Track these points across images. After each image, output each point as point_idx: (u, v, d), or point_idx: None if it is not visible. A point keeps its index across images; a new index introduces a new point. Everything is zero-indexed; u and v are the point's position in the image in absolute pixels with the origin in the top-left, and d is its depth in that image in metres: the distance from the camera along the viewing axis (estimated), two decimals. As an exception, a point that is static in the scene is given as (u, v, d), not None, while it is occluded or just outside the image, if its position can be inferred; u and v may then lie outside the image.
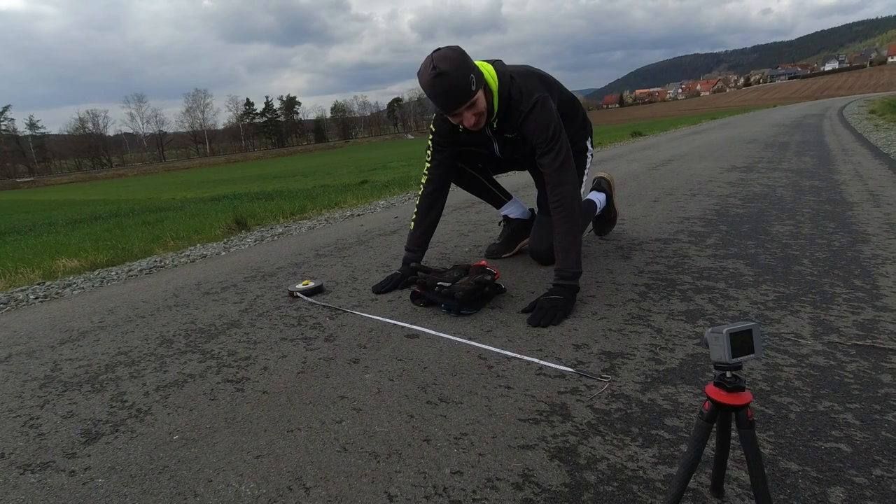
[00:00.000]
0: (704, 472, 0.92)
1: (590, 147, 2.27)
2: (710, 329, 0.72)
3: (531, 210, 2.46)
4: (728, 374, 0.71)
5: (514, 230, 2.44)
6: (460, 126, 1.85)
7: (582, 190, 2.18)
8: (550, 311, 1.64)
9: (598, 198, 2.47)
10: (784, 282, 1.81)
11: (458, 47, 1.71)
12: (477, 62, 1.80)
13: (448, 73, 1.64)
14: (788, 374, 1.23)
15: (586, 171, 2.25)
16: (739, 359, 0.70)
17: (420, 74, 1.71)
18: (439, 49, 1.71)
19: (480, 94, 1.73)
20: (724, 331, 0.70)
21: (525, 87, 1.82)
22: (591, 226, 2.56)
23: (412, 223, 2.13)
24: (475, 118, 1.76)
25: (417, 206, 2.13)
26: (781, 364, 1.27)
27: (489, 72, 1.80)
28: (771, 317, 1.54)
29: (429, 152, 2.09)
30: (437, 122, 2.01)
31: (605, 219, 2.58)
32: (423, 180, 2.12)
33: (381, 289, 2.05)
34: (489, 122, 1.87)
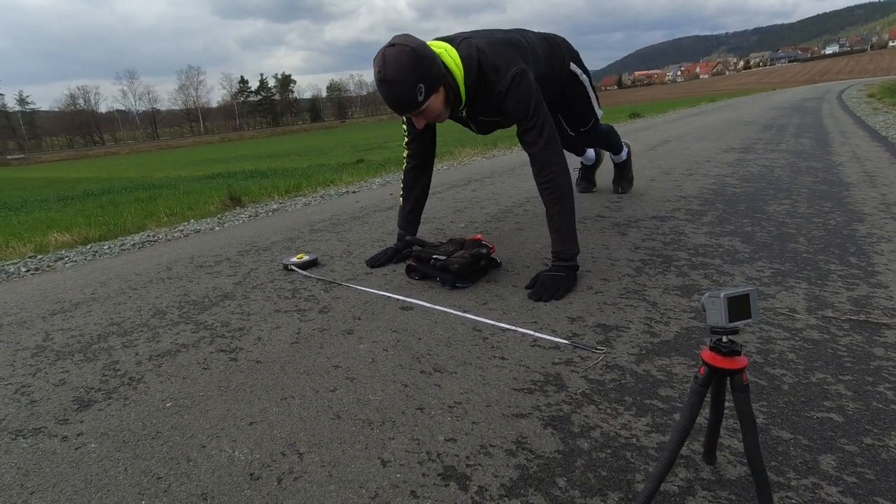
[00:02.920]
0: (697, 440, 0.92)
1: (578, 70, 2.17)
2: (707, 293, 0.71)
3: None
4: (724, 338, 0.71)
5: (587, 170, 3.09)
6: None
7: (597, 107, 2.35)
8: (552, 286, 1.62)
9: (624, 151, 2.92)
10: (780, 258, 1.81)
11: (412, 48, 1.52)
12: (441, 46, 1.66)
13: (392, 82, 1.51)
14: (782, 346, 1.23)
15: (590, 91, 2.25)
16: (736, 323, 0.69)
17: (373, 66, 1.57)
18: (393, 45, 1.53)
19: (432, 100, 1.59)
20: (722, 295, 0.69)
21: (499, 62, 1.67)
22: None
23: (400, 199, 2.10)
24: (424, 123, 1.67)
25: (402, 183, 2.09)
26: (776, 337, 1.27)
27: (454, 59, 1.64)
28: (766, 292, 1.54)
29: (405, 126, 2.02)
30: None
31: (626, 177, 3.06)
32: (405, 155, 2.07)
33: (376, 262, 2.04)
34: (458, 110, 1.75)
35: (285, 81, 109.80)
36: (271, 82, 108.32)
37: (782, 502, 0.79)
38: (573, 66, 2.15)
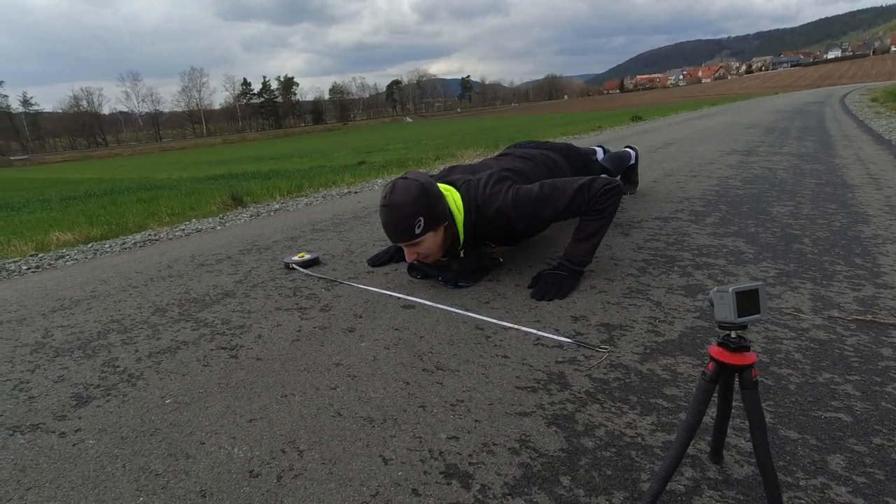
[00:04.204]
0: (703, 439, 0.91)
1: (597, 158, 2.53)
2: (715, 288, 0.70)
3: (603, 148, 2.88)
4: (733, 333, 0.70)
5: (626, 172, 3.02)
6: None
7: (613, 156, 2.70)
8: (555, 285, 1.62)
9: (631, 153, 2.96)
10: (784, 259, 1.79)
11: (422, 183, 1.60)
12: (446, 189, 1.70)
13: (393, 207, 1.57)
14: (788, 346, 1.21)
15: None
16: (745, 318, 0.68)
17: (381, 195, 1.65)
18: (405, 178, 1.62)
19: (429, 237, 1.62)
20: (731, 290, 0.68)
21: (493, 199, 1.68)
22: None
23: None
24: (415, 256, 1.67)
25: None
26: (781, 337, 1.26)
27: (456, 203, 1.68)
28: (771, 292, 1.52)
29: None
30: None
31: (631, 180, 3.01)
32: None
33: (378, 261, 2.03)
34: (454, 252, 1.75)
35: (288, 84, 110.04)
36: (274, 84, 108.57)
37: (791, 502, 0.77)
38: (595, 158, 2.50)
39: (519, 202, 1.65)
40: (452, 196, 1.70)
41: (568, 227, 1.85)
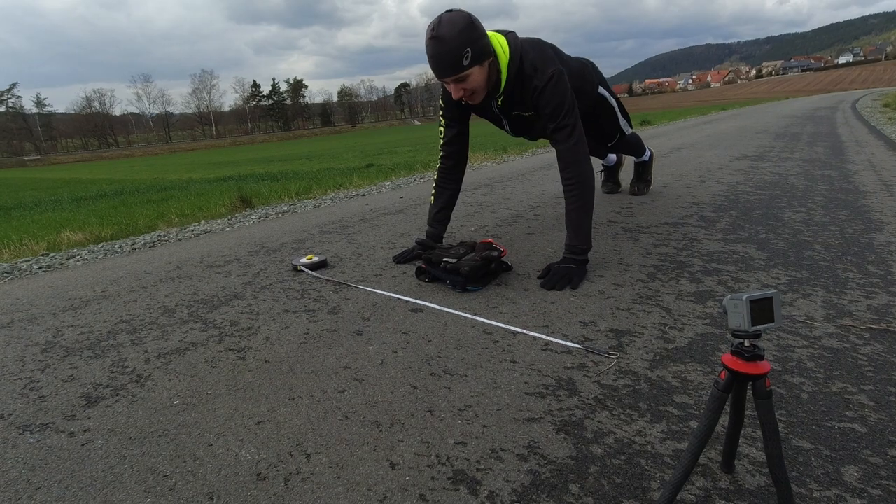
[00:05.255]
0: (714, 448, 0.90)
1: (606, 93, 2.36)
2: (729, 296, 0.69)
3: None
4: (746, 342, 0.69)
5: (610, 170, 3.21)
6: (463, 100, 1.81)
7: (623, 123, 2.55)
8: (565, 276, 1.68)
9: (648, 151, 3.01)
10: (796, 266, 1.77)
11: (468, 14, 1.62)
12: (490, 33, 1.74)
13: (442, 39, 1.57)
14: (801, 355, 1.20)
15: (618, 112, 2.48)
16: (759, 327, 0.67)
17: (426, 30, 1.65)
18: (451, 10, 1.63)
19: (475, 71, 1.65)
20: (745, 298, 0.67)
21: (539, 61, 1.76)
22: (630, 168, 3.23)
23: (431, 198, 2.16)
24: (462, 93, 1.70)
25: (435, 181, 2.14)
26: (793, 345, 1.24)
27: (501, 45, 1.74)
28: (783, 299, 1.50)
29: (441, 129, 2.07)
30: (443, 95, 1.97)
31: (644, 178, 3.12)
32: (440, 156, 2.11)
33: (401, 259, 2.09)
34: (494, 98, 1.81)
35: (297, 86, 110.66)
36: (283, 87, 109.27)
37: (804, 514, 0.76)
38: (601, 90, 2.33)
39: (550, 83, 1.73)
40: (498, 40, 1.73)
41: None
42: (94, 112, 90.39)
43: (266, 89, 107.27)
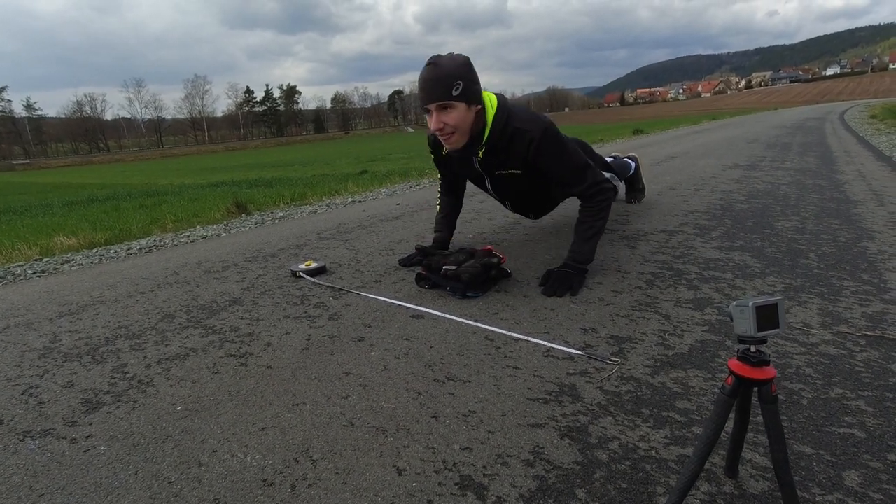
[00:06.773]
0: (718, 454, 0.91)
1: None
2: (735, 302, 0.70)
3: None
4: (752, 348, 0.70)
5: (629, 180, 3.18)
6: (444, 150, 1.85)
7: (612, 177, 2.67)
8: (566, 282, 1.71)
9: (631, 164, 3.08)
10: (791, 274, 1.80)
11: (468, 59, 1.69)
12: (485, 93, 1.78)
13: (439, 65, 1.63)
14: (799, 361, 1.22)
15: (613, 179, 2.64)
16: (764, 333, 0.69)
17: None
18: (453, 53, 1.71)
19: (461, 108, 1.66)
20: (750, 304, 0.68)
21: (529, 117, 1.80)
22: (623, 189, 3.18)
23: (437, 206, 2.31)
24: (442, 126, 1.68)
25: (439, 189, 2.31)
26: (791, 352, 1.26)
27: (490, 100, 1.77)
28: (779, 307, 1.53)
29: (439, 178, 2.29)
30: (430, 140, 2.04)
31: (636, 188, 3.19)
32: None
33: (408, 262, 2.14)
34: (475, 151, 1.82)
35: (290, 92, 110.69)
36: (276, 93, 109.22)
37: (808, 518, 0.77)
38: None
39: (547, 134, 1.75)
40: (489, 97, 1.79)
41: (568, 237, 1.86)
42: (85, 116, 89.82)
43: (259, 95, 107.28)
